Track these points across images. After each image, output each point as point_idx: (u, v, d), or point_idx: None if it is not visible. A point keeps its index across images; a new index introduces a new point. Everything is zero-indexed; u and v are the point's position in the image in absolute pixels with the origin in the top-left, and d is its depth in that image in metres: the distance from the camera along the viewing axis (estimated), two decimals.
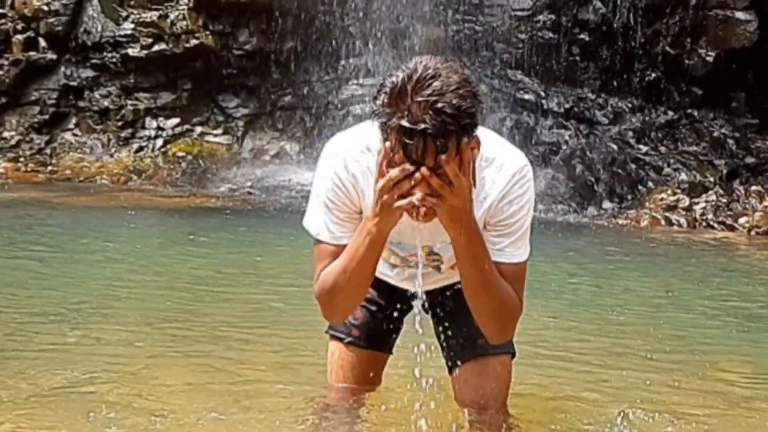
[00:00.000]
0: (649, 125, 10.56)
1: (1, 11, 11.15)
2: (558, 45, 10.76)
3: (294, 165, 10.82)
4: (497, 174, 2.73)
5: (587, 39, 10.74)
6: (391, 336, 3.18)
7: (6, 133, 11.15)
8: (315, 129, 10.98)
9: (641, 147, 10.36)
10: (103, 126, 11.20)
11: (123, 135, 11.12)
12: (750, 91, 10.49)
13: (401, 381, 3.21)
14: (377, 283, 3.03)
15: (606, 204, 9.85)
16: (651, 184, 9.92)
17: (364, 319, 3.13)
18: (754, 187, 9.81)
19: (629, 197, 9.87)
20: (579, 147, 10.39)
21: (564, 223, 9.30)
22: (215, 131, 11.15)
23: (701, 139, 10.39)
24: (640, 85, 10.69)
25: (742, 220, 9.35)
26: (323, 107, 11.05)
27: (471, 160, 2.55)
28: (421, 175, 2.48)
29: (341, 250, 2.73)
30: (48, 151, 11.07)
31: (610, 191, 9.95)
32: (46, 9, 11.09)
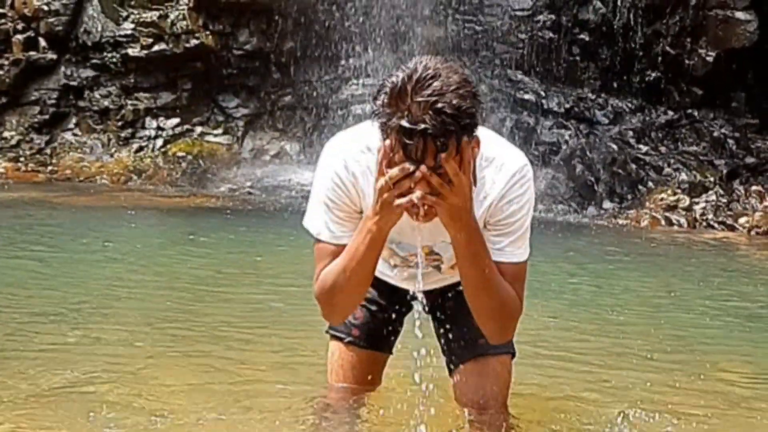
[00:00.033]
0: (650, 125, 10.56)
1: (1, 11, 11.15)
2: (558, 45, 10.75)
3: (294, 165, 10.82)
4: (497, 174, 2.73)
5: (587, 39, 10.74)
6: (392, 336, 3.18)
7: (6, 133, 11.15)
8: (315, 129, 10.98)
9: (641, 147, 10.36)
10: (103, 126, 11.20)
11: (123, 135, 11.12)
12: (750, 91, 10.49)
13: (401, 381, 3.21)
14: (377, 283, 3.03)
15: (606, 204, 9.85)
16: (651, 184, 9.92)
17: (364, 319, 3.13)
18: (754, 187, 9.81)
19: (629, 197, 9.87)
20: (579, 147, 10.39)
21: (564, 223, 9.30)
22: (215, 131, 11.15)
23: (701, 139, 10.39)
24: (640, 85, 10.69)
25: (742, 220, 9.35)
26: (323, 107, 11.04)
27: (471, 158, 2.55)
28: (421, 174, 2.47)
29: (341, 249, 2.72)
30: (48, 151, 11.07)
31: (610, 191, 9.95)
32: (46, 9, 11.08)
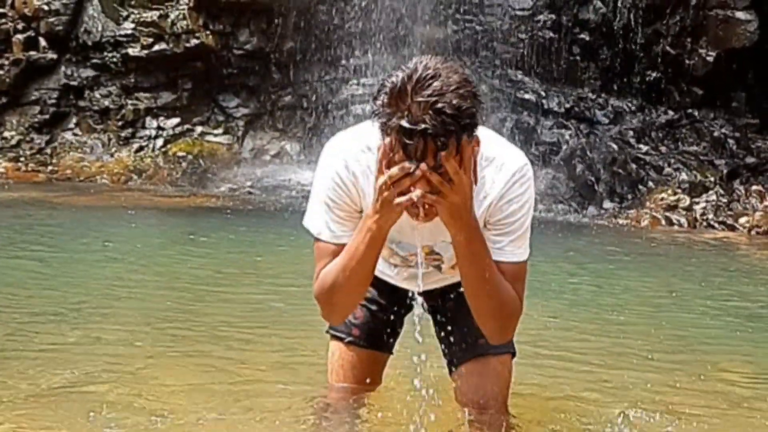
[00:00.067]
0: (650, 125, 10.56)
1: (2, 11, 11.15)
2: (558, 45, 10.75)
3: (294, 165, 10.82)
4: (497, 173, 2.73)
5: (587, 39, 10.74)
6: (392, 336, 3.17)
7: (6, 133, 11.15)
8: (315, 129, 10.98)
9: (642, 147, 10.36)
10: (104, 126, 11.20)
11: (123, 135, 11.12)
12: (750, 91, 10.49)
13: (401, 381, 3.20)
14: (378, 283, 3.03)
15: (606, 204, 9.85)
16: (651, 183, 9.92)
17: (364, 319, 3.13)
18: (754, 187, 9.81)
19: (630, 197, 9.87)
20: (579, 147, 10.39)
21: (564, 223, 9.30)
22: (215, 131, 11.15)
23: (702, 139, 10.39)
24: (640, 85, 10.69)
25: (742, 219, 9.35)
26: (323, 107, 11.04)
27: (471, 157, 2.55)
28: (421, 172, 2.47)
29: (341, 249, 2.72)
30: (48, 151, 11.07)
31: (610, 191, 9.95)
32: (46, 8, 11.09)
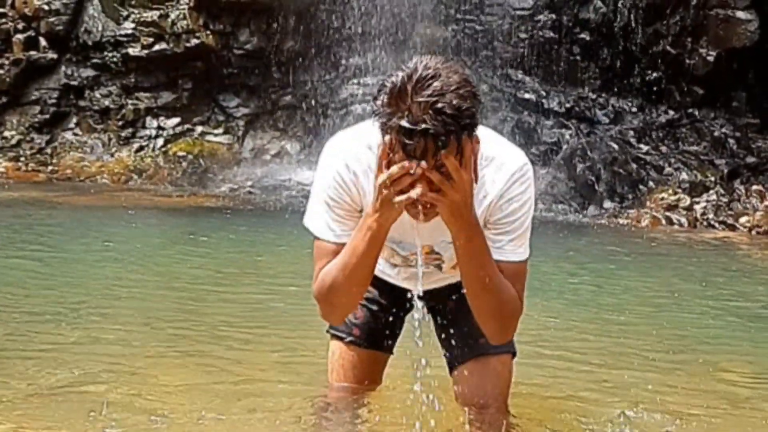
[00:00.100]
0: (650, 125, 10.56)
1: (2, 11, 11.15)
2: (559, 44, 10.75)
3: (294, 164, 10.82)
4: (497, 173, 2.72)
5: (588, 38, 10.74)
6: (392, 336, 3.17)
7: (7, 133, 11.15)
8: (315, 128, 10.98)
9: (642, 146, 10.35)
10: (104, 125, 11.20)
11: (123, 134, 11.12)
12: (751, 91, 10.49)
13: (402, 381, 3.20)
14: (378, 283, 3.03)
15: (607, 203, 9.84)
16: (652, 183, 9.92)
17: (365, 319, 3.12)
18: (754, 187, 9.81)
19: (630, 197, 9.87)
20: (580, 146, 10.39)
21: (564, 223, 9.30)
22: (216, 131, 11.15)
23: (702, 139, 10.39)
24: (640, 85, 10.69)
25: (743, 219, 9.35)
26: (324, 107, 11.04)
27: (472, 155, 2.55)
28: (422, 170, 2.47)
29: (341, 248, 2.71)
30: (48, 151, 11.07)
31: (610, 191, 9.95)
32: (46, 8, 11.09)
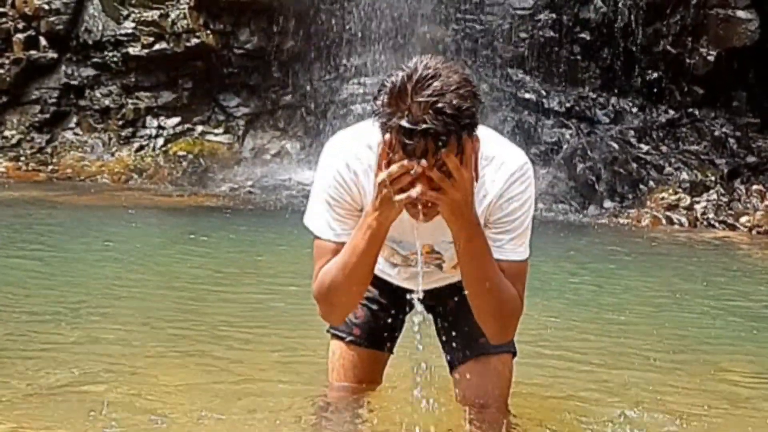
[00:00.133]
0: (650, 124, 10.55)
1: (2, 10, 11.15)
2: (559, 44, 10.75)
3: (295, 164, 10.82)
4: (497, 172, 2.72)
5: (588, 38, 10.74)
6: (393, 335, 3.17)
7: (7, 132, 11.15)
8: (316, 128, 10.98)
9: (642, 146, 10.35)
10: (104, 125, 11.20)
11: (124, 134, 11.12)
12: (751, 90, 10.48)
13: (402, 380, 3.20)
14: (379, 282, 3.03)
15: (607, 203, 9.84)
16: (652, 183, 9.92)
17: (365, 318, 3.12)
18: (755, 186, 9.81)
19: (630, 196, 9.87)
20: (580, 146, 10.38)
21: (565, 223, 9.30)
22: (216, 130, 11.15)
23: (702, 138, 10.39)
24: (641, 85, 10.68)
25: (743, 219, 9.35)
26: (324, 106, 11.04)
27: (472, 154, 2.54)
28: (422, 169, 2.47)
29: (341, 248, 2.71)
30: (49, 150, 11.06)
31: (611, 190, 9.95)
32: (46, 8, 11.08)
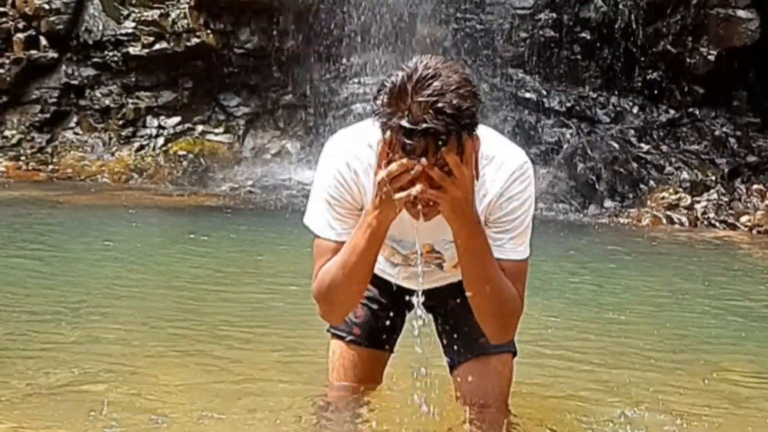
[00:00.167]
0: (651, 124, 10.55)
1: (2, 10, 11.15)
2: (559, 43, 10.75)
3: (295, 164, 10.81)
4: (497, 172, 2.72)
5: (588, 37, 10.73)
6: (393, 335, 3.17)
7: (7, 132, 11.14)
8: (316, 128, 10.97)
9: (643, 146, 10.35)
10: (104, 125, 11.20)
11: (124, 134, 11.11)
12: (751, 90, 10.48)
13: (402, 380, 3.20)
14: (379, 282, 3.02)
15: (607, 203, 9.84)
16: (652, 182, 9.91)
17: (365, 318, 3.12)
18: (755, 186, 9.81)
19: (630, 196, 9.86)
20: (580, 146, 10.38)
21: (565, 222, 9.30)
22: (216, 130, 11.15)
23: (703, 138, 10.39)
24: (641, 84, 10.68)
25: (743, 218, 9.34)
26: (324, 106, 11.04)
27: (473, 152, 2.54)
28: (422, 167, 2.46)
29: (341, 247, 2.71)
30: (49, 150, 11.06)
31: (611, 190, 9.94)
32: (47, 7, 11.08)
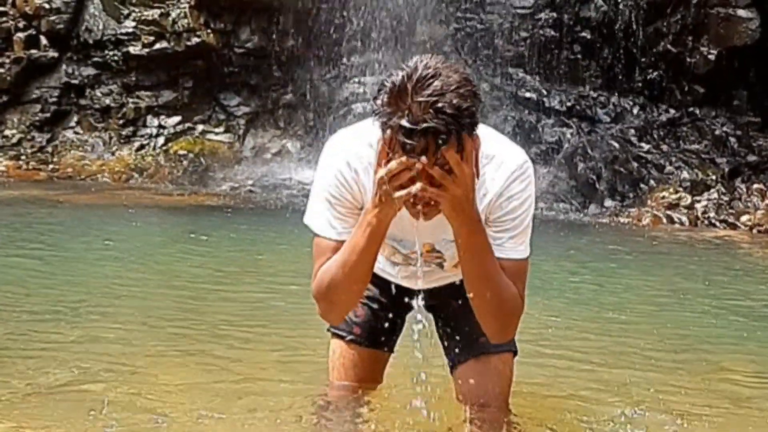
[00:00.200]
0: (651, 123, 10.55)
1: (3, 9, 11.14)
2: (559, 43, 10.74)
3: (295, 163, 10.81)
4: (497, 171, 2.72)
5: (589, 37, 10.73)
6: (393, 334, 3.16)
7: (7, 131, 11.14)
8: (316, 127, 10.97)
9: (643, 145, 10.35)
10: (105, 124, 11.20)
11: (124, 133, 11.11)
12: (752, 89, 10.48)
13: (403, 379, 3.19)
14: (379, 281, 3.02)
15: (608, 202, 9.84)
16: (653, 182, 9.91)
17: (365, 318, 3.12)
18: (756, 185, 9.80)
19: (631, 195, 9.86)
20: (581, 145, 10.38)
21: (565, 222, 9.29)
22: (216, 129, 11.15)
23: (703, 137, 10.38)
24: (641, 84, 10.68)
25: (744, 218, 9.34)
26: (325, 105, 11.04)
27: (473, 150, 2.54)
28: (422, 165, 2.46)
29: (341, 246, 2.71)
30: (49, 149, 11.06)
31: (611, 189, 9.94)
32: (47, 7, 11.08)
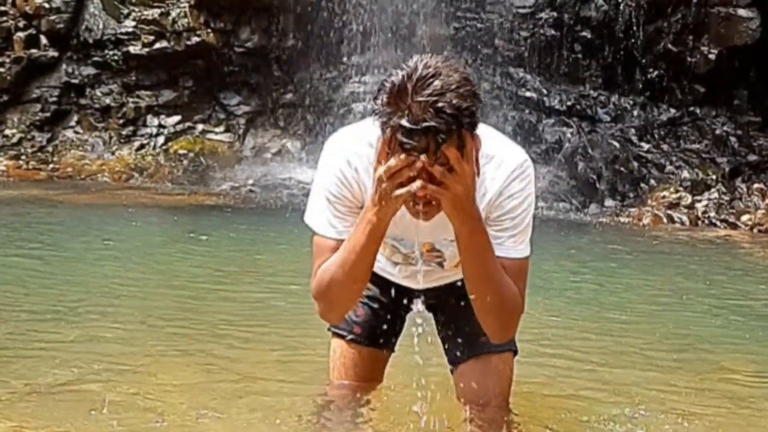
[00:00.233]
0: (652, 123, 10.54)
1: (3, 8, 11.14)
2: (560, 42, 10.74)
3: (295, 163, 10.81)
4: (497, 170, 2.72)
5: (589, 36, 10.73)
6: (393, 334, 3.16)
7: (7, 131, 11.14)
8: (316, 127, 10.97)
9: (643, 145, 10.35)
10: (105, 124, 11.20)
11: (124, 133, 11.11)
12: (752, 89, 10.47)
13: (403, 379, 3.19)
14: (379, 281, 3.02)
15: (608, 202, 9.84)
16: (653, 181, 9.91)
17: (366, 317, 3.12)
18: (756, 185, 9.80)
19: (631, 195, 9.86)
20: (581, 145, 10.38)
21: (566, 221, 9.29)
22: (217, 129, 11.15)
23: (703, 137, 10.38)
24: (642, 83, 10.67)
25: (744, 217, 9.34)
26: (325, 105, 11.03)
27: (473, 148, 2.53)
28: (422, 164, 2.46)
29: (341, 245, 2.70)
30: (49, 149, 11.06)
31: (612, 189, 9.94)
32: (47, 6, 11.07)
